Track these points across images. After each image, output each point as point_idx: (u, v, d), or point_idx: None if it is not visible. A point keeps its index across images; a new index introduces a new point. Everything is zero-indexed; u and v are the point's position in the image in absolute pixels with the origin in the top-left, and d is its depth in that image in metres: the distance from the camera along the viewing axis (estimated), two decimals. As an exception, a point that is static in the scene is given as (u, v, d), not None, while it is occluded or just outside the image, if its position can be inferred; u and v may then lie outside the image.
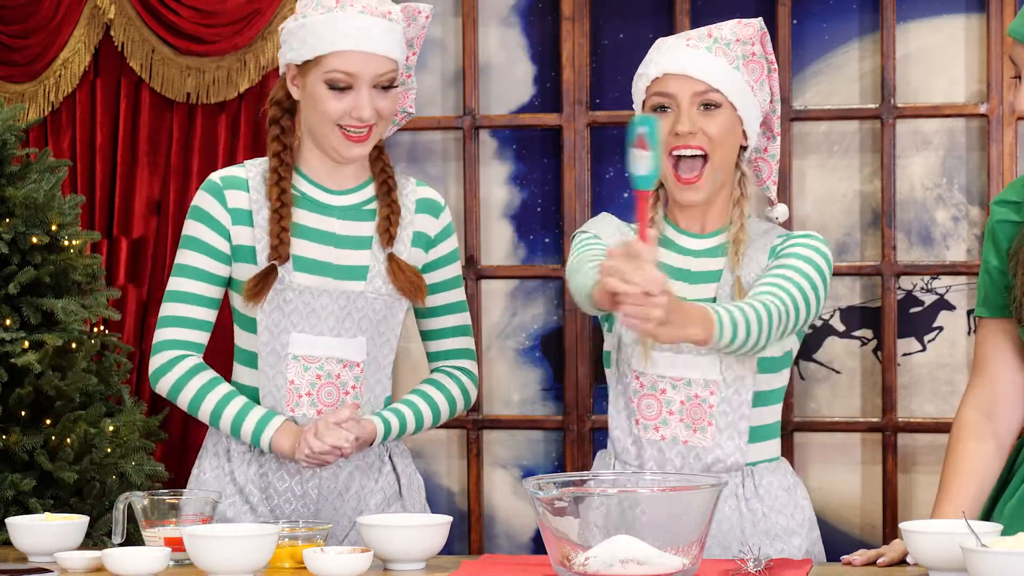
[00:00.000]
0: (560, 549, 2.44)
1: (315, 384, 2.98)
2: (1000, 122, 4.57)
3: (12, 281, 4.20)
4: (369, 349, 3.01)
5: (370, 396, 3.03)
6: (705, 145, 2.81)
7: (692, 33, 2.88)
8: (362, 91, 2.92)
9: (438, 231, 3.10)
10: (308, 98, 2.95)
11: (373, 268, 3.00)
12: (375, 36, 2.92)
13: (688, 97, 2.82)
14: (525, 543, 4.91)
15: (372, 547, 2.60)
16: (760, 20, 2.89)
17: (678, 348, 2.81)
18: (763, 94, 2.87)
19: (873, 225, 4.69)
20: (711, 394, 2.81)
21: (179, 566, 2.67)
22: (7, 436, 4.16)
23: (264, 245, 2.97)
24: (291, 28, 2.97)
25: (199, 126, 4.86)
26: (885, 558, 2.63)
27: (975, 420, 2.76)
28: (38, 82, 4.95)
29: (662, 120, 2.79)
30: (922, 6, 4.66)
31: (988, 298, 2.77)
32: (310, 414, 2.97)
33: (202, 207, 3.01)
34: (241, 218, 3.00)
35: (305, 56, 2.93)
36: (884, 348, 4.65)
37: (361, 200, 3.05)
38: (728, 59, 2.83)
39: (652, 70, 2.84)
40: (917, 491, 4.67)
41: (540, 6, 4.87)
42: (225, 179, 3.02)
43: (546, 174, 4.88)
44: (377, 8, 2.94)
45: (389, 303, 3.02)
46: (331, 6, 2.93)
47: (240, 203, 3.00)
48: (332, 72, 2.91)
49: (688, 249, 2.90)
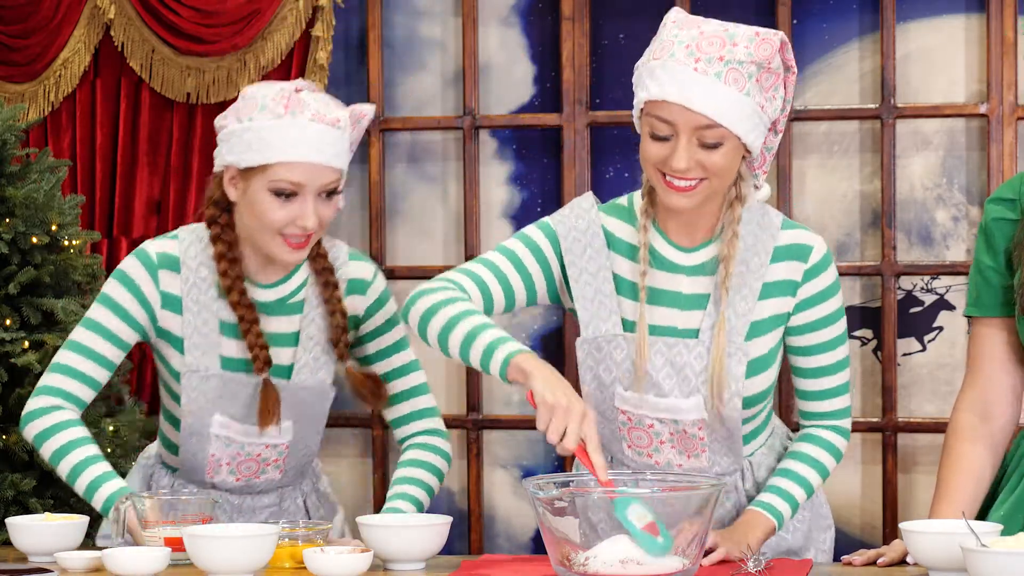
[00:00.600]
0: (560, 549, 2.43)
1: (236, 458, 3.00)
2: (1000, 122, 4.57)
3: (12, 281, 4.20)
4: (296, 431, 3.00)
5: (295, 464, 3.06)
6: (701, 175, 2.63)
7: (703, 49, 2.60)
8: (307, 200, 2.81)
9: (367, 306, 3.02)
10: (248, 203, 2.85)
11: (300, 362, 2.95)
12: (325, 147, 2.81)
13: (688, 130, 2.60)
14: (525, 543, 4.91)
15: (372, 547, 2.60)
16: (781, 34, 2.63)
17: (660, 392, 2.74)
18: (776, 103, 2.65)
19: (873, 225, 4.69)
20: (699, 429, 2.76)
21: (179, 566, 2.67)
22: (7, 436, 4.16)
23: (196, 339, 2.91)
24: (233, 130, 2.84)
25: (199, 126, 4.86)
26: (885, 558, 2.63)
27: (970, 422, 2.76)
28: (38, 82, 4.95)
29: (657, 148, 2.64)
30: (922, 6, 4.66)
31: (980, 298, 2.76)
32: (229, 481, 3.02)
33: (132, 278, 2.93)
34: (171, 304, 2.93)
35: (249, 162, 2.82)
36: (884, 348, 4.65)
37: (285, 294, 2.97)
38: (739, 85, 2.59)
39: (654, 89, 2.61)
40: (917, 491, 4.67)
41: (540, 6, 4.87)
42: (161, 257, 2.93)
43: (546, 174, 4.88)
44: (326, 116, 2.82)
45: (317, 392, 2.99)
46: (280, 112, 2.80)
47: (172, 287, 2.93)
48: (279, 181, 2.80)
49: (678, 265, 2.76)
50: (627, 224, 2.81)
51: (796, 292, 2.75)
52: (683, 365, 2.72)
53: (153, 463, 3.14)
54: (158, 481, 3.10)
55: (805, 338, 2.77)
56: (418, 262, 4.94)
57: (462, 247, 4.89)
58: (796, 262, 2.75)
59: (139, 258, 2.94)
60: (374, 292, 3.03)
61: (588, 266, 2.78)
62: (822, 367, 2.79)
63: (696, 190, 2.65)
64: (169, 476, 3.10)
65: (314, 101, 2.84)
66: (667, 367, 2.73)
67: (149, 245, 2.96)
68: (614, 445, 2.84)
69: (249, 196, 2.84)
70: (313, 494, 3.16)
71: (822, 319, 2.77)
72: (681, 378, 2.73)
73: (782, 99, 2.67)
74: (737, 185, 2.72)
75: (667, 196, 2.67)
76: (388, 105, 4.94)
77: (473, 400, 4.87)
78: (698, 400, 2.73)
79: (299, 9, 4.77)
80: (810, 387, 2.82)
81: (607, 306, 2.76)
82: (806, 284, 2.75)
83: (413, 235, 4.95)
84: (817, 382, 2.81)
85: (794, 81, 2.68)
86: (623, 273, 2.78)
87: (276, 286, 2.97)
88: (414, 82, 4.94)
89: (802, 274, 2.75)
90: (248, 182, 2.84)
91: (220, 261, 2.90)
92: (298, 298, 2.98)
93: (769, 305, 2.75)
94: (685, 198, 2.66)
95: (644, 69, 2.66)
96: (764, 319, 2.74)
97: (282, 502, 3.10)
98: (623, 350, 2.74)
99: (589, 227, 2.81)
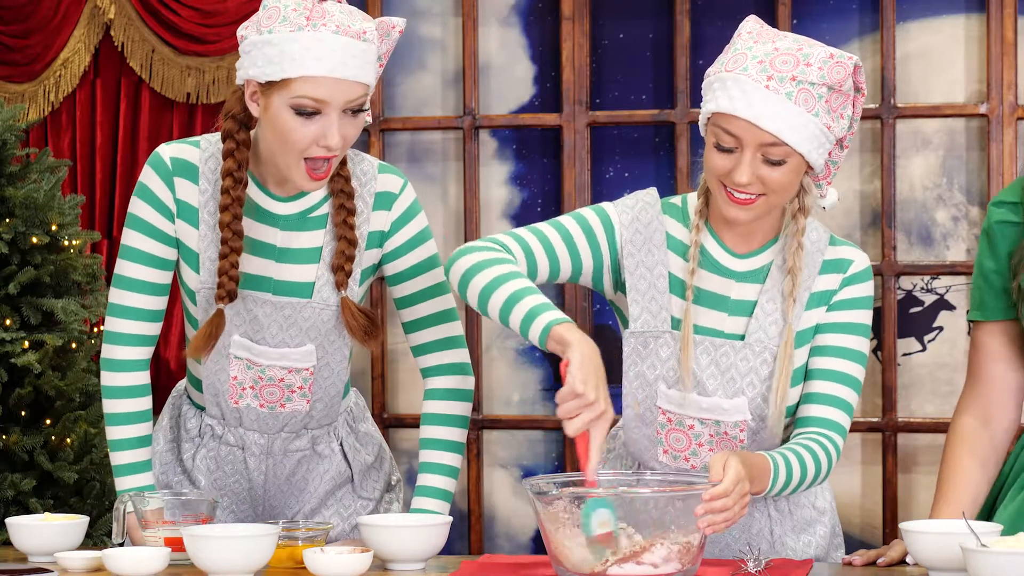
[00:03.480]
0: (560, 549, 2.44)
1: (258, 382, 2.88)
2: (1000, 122, 4.57)
3: (12, 281, 4.21)
4: (320, 355, 2.87)
5: (322, 395, 2.92)
6: (762, 191, 2.63)
7: (776, 67, 2.59)
8: (331, 117, 2.66)
9: (392, 221, 2.86)
10: (270, 120, 2.69)
11: (321, 280, 2.82)
12: (349, 60, 2.65)
13: (754, 146, 2.59)
14: (525, 543, 4.91)
15: (372, 547, 2.60)
16: (856, 59, 2.61)
17: (703, 391, 2.73)
18: (843, 123, 2.65)
19: (873, 225, 4.69)
20: (740, 431, 2.74)
21: (179, 566, 2.67)
22: (7, 436, 4.17)
23: (212, 254, 2.80)
24: (254, 41, 2.69)
25: (199, 126, 4.87)
26: (885, 558, 2.63)
27: (971, 426, 2.75)
28: (38, 82, 4.95)
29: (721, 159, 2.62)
30: (922, 6, 4.66)
31: (984, 302, 2.75)
32: (254, 405, 2.90)
33: (149, 187, 2.81)
34: (187, 214, 2.82)
35: (270, 76, 2.66)
36: (884, 348, 4.65)
37: (307, 207, 2.83)
38: (808, 105, 2.59)
39: (723, 102, 2.60)
40: (917, 491, 4.67)
41: (540, 6, 4.87)
42: (175, 163, 2.81)
43: (546, 174, 4.88)
44: (351, 27, 2.67)
45: (340, 312, 2.85)
46: (301, 24, 2.65)
47: (188, 196, 2.81)
48: (301, 98, 2.65)
49: (730, 270, 2.74)
50: (681, 225, 2.80)
51: (831, 299, 2.76)
52: (728, 366, 2.73)
53: (183, 401, 3.03)
54: (185, 418, 2.99)
55: (822, 337, 2.75)
56: (418, 262, 4.94)
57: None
58: (837, 274, 2.77)
59: (152, 165, 2.82)
60: (400, 206, 2.87)
61: (646, 260, 2.77)
62: (830, 371, 2.74)
63: (755, 204, 2.65)
64: (197, 416, 2.99)
65: (339, 11, 2.68)
66: (712, 367, 2.73)
67: (164, 148, 2.83)
68: (649, 451, 2.81)
69: (271, 113, 2.68)
70: (351, 436, 3.03)
71: (844, 324, 2.75)
72: (726, 379, 2.72)
73: (849, 118, 2.67)
74: (800, 197, 2.74)
75: (727, 208, 2.67)
76: (388, 105, 4.94)
77: (473, 400, 4.87)
78: (742, 402, 2.73)
79: (299, 9, 4.77)
80: (812, 388, 2.75)
81: (659, 302, 2.76)
82: (841, 290, 2.76)
83: (413, 235, 4.95)
84: (821, 384, 2.74)
85: (863, 101, 2.69)
86: (675, 271, 2.78)
87: (296, 199, 2.83)
88: (414, 82, 4.94)
89: (839, 283, 2.76)
90: (269, 98, 2.68)
91: (225, 177, 2.77)
92: (320, 212, 2.84)
93: (812, 315, 2.76)
94: (744, 211, 2.66)
95: (716, 79, 2.65)
96: (806, 329, 2.75)
97: (315, 445, 2.97)
98: (669, 348, 2.74)
99: (652, 222, 2.79)
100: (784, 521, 2.84)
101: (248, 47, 2.70)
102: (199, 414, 2.99)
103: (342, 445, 3.01)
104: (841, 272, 2.77)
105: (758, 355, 2.72)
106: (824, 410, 2.73)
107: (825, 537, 2.87)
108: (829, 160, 2.73)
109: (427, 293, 2.90)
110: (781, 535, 2.83)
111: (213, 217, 2.80)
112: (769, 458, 2.61)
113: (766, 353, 2.72)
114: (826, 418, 2.73)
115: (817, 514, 2.88)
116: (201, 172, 2.81)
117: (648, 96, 4.82)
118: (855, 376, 2.75)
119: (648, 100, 4.82)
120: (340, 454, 3.00)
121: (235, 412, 2.92)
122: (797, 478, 2.66)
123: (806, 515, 2.86)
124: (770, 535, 2.82)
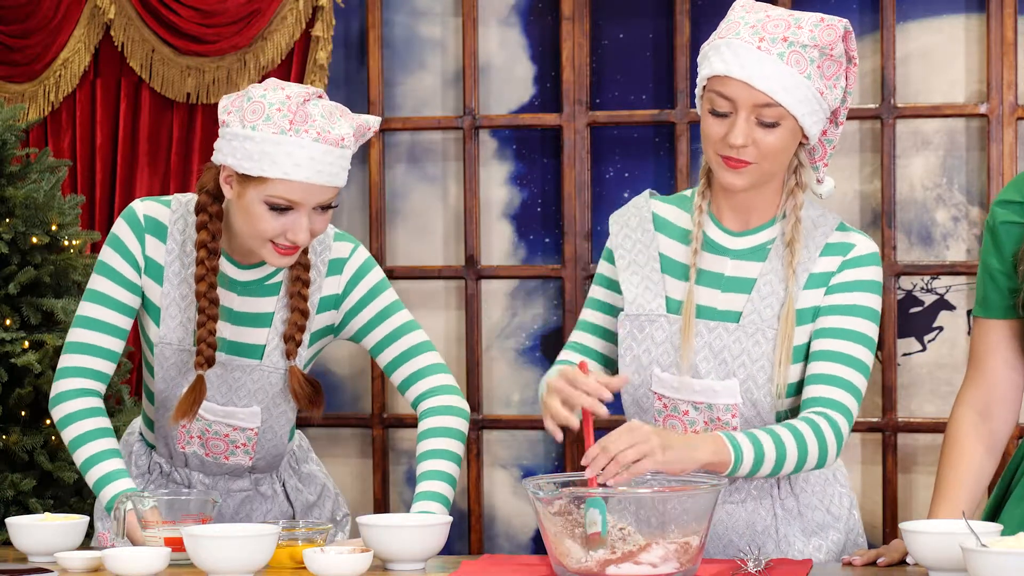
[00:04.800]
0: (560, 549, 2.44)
1: (205, 434, 3.00)
2: (1000, 122, 4.57)
3: (12, 281, 4.21)
4: (265, 417, 2.98)
5: (264, 454, 3.04)
6: (756, 158, 2.65)
7: (768, 30, 2.64)
8: (302, 215, 2.78)
9: (344, 284, 2.97)
10: (242, 207, 2.80)
11: (271, 344, 2.93)
12: (326, 168, 2.76)
13: (748, 107, 2.63)
14: (525, 543, 4.91)
15: (372, 547, 2.60)
16: (845, 22, 2.66)
17: (696, 373, 2.72)
18: (836, 92, 2.69)
19: (873, 225, 4.69)
20: (732, 416, 2.73)
21: (179, 566, 2.67)
22: (7, 436, 4.17)
23: (173, 311, 2.92)
24: (236, 132, 2.78)
25: (199, 126, 4.86)
26: (885, 558, 2.63)
27: (971, 419, 2.75)
28: (38, 82, 4.95)
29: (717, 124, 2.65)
30: (922, 6, 4.66)
31: (988, 299, 2.75)
32: (199, 453, 3.02)
33: (122, 239, 2.93)
34: (153, 271, 2.93)
35: (248, 171, 2.77)
36: (884, 348, 4.65)
37: (264, 274, 2.95)
38: (800, 67, 2.63)
39: (717, 65, 2.64)
40: (917, 491, 4.67)
41: (540, 6, 4.87)
42: (148, 220, 2.93)
43: (546, 174, 4.88)
44: (331, 134, 2.77)
45: (287, 377, 2.96)
46: (284, 126, 2.75)
47: (156, 254, 2.93)
48: (276, 198, 2.76)
49: (726, 248, 2.77)
50: (681, 210, 2.83)
51: (829, 281, 2.75)
52: (721, 348, 2.72)
53: (135, 439, 3.15)
54: (136, 455, 3.11)
55: (824, 320, 2.73)
56: (418, 262, 4.94)
57: (462, 247, 4.89)
58: (837, 256, 2.76)
59: (127, 219, 2.94)
60: (350, 268, 2.97)
61: (637, 258, 2.81)
62: (832, 351, 2.70)
63: (749, 168, 2.67)
64: (147, 454, 3.11)
65: (320, 116, 2.79)
66: (705, 349, 2.73)
67: (139, 205, 2.95)
68: None
69: (244, 201, 2.81)
70: (294, 477, 3.14)
71: (846, 307, 2.73)
72: (719, 361, 2.72)
73: (843, 89, 2.70)
74: (797, 172, 2.77)
75: (722, 173, 2.69)
76: (388, 105, 4.94)
77: (473, 400, 4.87)
78: (733, 384, 2.72)
79: (299, 9, 4.77)
80: (814, 370, 2.71)
81: (652, 284, 2.77)
82: (840, 272, 2.74)
83: (413, 235, 4.95)
84: (822, 365, 2.71)
85: (856, 73, 2.71)
86: (669, 253, 2.79)
87: (256, 267, 2.95)
88: (414, 82, 4.94)
89: (838, 265, 2.75)
90: (244, 187, 2.80)
91: (200, 249, 2.88)
92: (276, 279, 2.95)
93: (810, 295, 2.75)
94: (739, 176, 2.68)
95: (710, 47, 2.70)
96: (805, 309, 2.74)
97: (258, 486, 3.10)
98: (664, 331, 2.75)
99: (640, 222, 2.84)
100: (792, 521, 2.82)
101: (229, 136, 2.80)
102: (149, 452, 3.12)
103: (284, 486, 3.13)
104: (842, 255, 2.76)
105: (751, 336, 2.72)
106: (823, 389, 2.69)
107: (838, 544, 2.82)
108: (824, 138, 2.75)
109: (395, 335, 2.99)
110: (787, 535, 2.81)
111: (177, 276, 2.93)
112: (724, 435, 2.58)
113: (759, 334, 2.71)
114: (825, 397, 2.69)
115: (832, 519, 2.84)
116: (170, 232, 2.93)
117: (648, 96, 4.82)
118: (858, 358, 2.71)
119: (648, 100, 4.82)
120: (283, 495, 3.13)
121: (181, 455, 3.05)
122: (773, 457, 2.60)
123: (818, 518, 2.83)
124: (776, 533, 2.81)
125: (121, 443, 3.15)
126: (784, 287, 2.73)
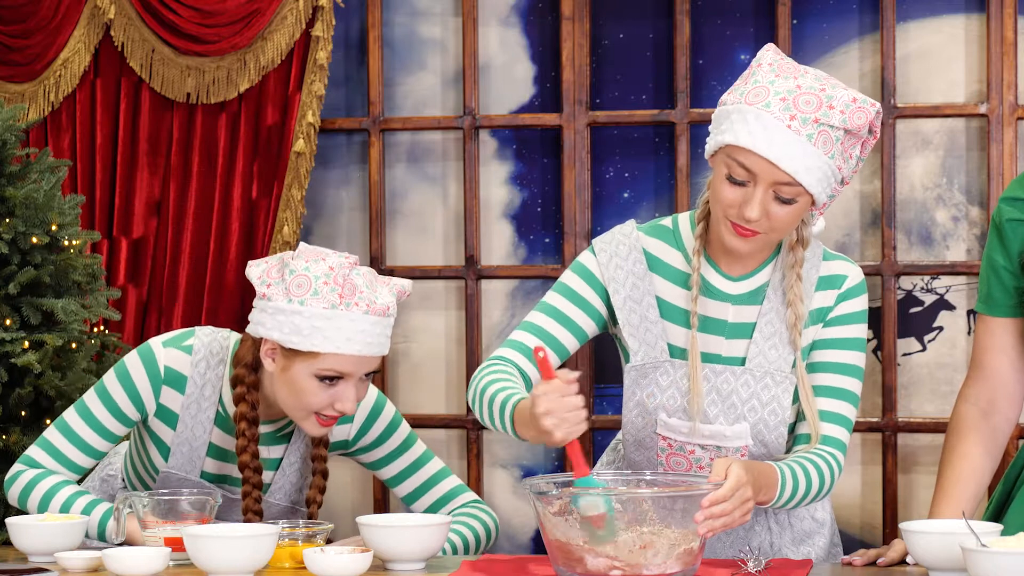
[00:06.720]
0: (560, 549, 2.44)
1: None
2: (1000, 122, 4.57)
3: (12, 281, 4.20)
4: None
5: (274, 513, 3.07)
6: (766, 229, 2.63)
7: (799, 107, 2.59)
8: (350, 384, 2.81)
9: (357, 430, 3.01)
10: (288, 380, 2.81)
11: (276, 484, 2.98)
12: (374, 339, 2.80)
13: (767, 183, 2.58)
14: (525, 543, 4.91)
15: (372, 547, 2.60)
16: (878, 105, 2.64)
17: (705, 418, 2.72)
18: (850, 164, 2.66)
19: (873, 225, 4.69)
20: (742, 455, 2.74)
21: (179, 566, 2.67)
22: (7, 436, 4.16)
23: (184, 448, 2.93)
24: (282, 307, 2.78)
25: (199, 126, 4.86)
26: (885, 558, 2.63)
27: (973, 416, 2.75)
28: (38, 82, 4.95)
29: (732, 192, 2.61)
30: (922, 6, 4.66)
31: (992, 296, 2.75)
32: None
33: (133, 382, 2.92)
34: (166, 417, 2.94)
35: (297, 346, 2.77)
36: (884, 348, 4.65)
37: (280, 427, 2.99)
38: (826, 148, 2.59)
39: (743, 136, 2.58)
40: (917, 491, 4.67)
41: (540, 6, 4.87)
42: (168, 373, 2.91)
43: (546, 174, 4.88)
44: (377, 304, 2.80)
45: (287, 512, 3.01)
46: (334, 301, 2.76)
47: (173, 404, 2.93)
48: (328, 370, 2.78)
49: (726, 293, 2.75)
50: (671, 248, 2.80)
51: (826, 316, 2.75)
52: (730, 392, 2.72)
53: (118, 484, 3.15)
54: None
55: (820, 354, 2.75)
56: (418, 262, 4.94)
57: (462, 247, 4.89)
58: (832, 290, 2.76)
59: (145, 364, 2.92)
60: (360, 416, 3.01)
61: (632, 294, 2.77)
62: (830, 387, 2.73)
63: (758, 237, 2.65)
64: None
65: (364, 285, 2.79)
66: (712, 393, 2.73)
67: (160, 353, 2.92)
68: (649, 471, 2.80)
69: (290, 375, 2.81)
70: None
71: (841, 340, 2.75)
72: (727, 405, 2.72)
73: (857, 158, 2.68)
74: (799, 229, 2.73)
75: (729, 237, 2.67)
76: (388, 105, 4.94)
77: (473, 400, 4.87)
78: (744, 428, 2.73)
79: (299, 9, 4.77)
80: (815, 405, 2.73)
81: (653, 332, 2.76)
82: (837, 306, 2.76)
83: (413, 235, 4.95)
84: (820, 401, 2.73)
85: (873, 144, 2.69)
86: (668, 298, 2.77)
87: (275, 422, 2.98)
88: (414, 82, 4.94)
89: (835, 299, 2.76)
90: (291, 361, 2.80)
91: (240, 421, 2.88)
92: (288, 431, 3.00)
93: (808, 333, 2.76)
94: (747, 243, 2.66)
95: (735, 110, 2.63)
96: (804, 347, 2.75)
97: None
98: (669, 376, 2.74)
99: (630, 253, 2.79)
100: (784, 533, 2.84)
101: (272, 310, 2.78)
102: None
103: None
104: (836, 288, 2.76)
105: (759, 380, 2.72)
106: (824, 427, 2.72)
107: (824, 548, 2.87)
108: (828, 195, 2.72)
109: (412, 467, 3.05)
110: (780, 547, 2.83)
111: (193, 419, 2.92)
112: (777, 468, 2.60)
113: (767, 378, 2.71)
114: (827, 435, 2.71)
115: (817, 525, 2.87)
116: (190, 378, 2.92)
117: (648, 96, 4.82)
118: (853, 391, 2.75)
119: (648, 100, 4.82)
120: None
121: None
122: (803, 490, 2.64)
123: (806, 527, 2.86)
124: (770, 547, 2.83)
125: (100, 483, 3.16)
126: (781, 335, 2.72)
